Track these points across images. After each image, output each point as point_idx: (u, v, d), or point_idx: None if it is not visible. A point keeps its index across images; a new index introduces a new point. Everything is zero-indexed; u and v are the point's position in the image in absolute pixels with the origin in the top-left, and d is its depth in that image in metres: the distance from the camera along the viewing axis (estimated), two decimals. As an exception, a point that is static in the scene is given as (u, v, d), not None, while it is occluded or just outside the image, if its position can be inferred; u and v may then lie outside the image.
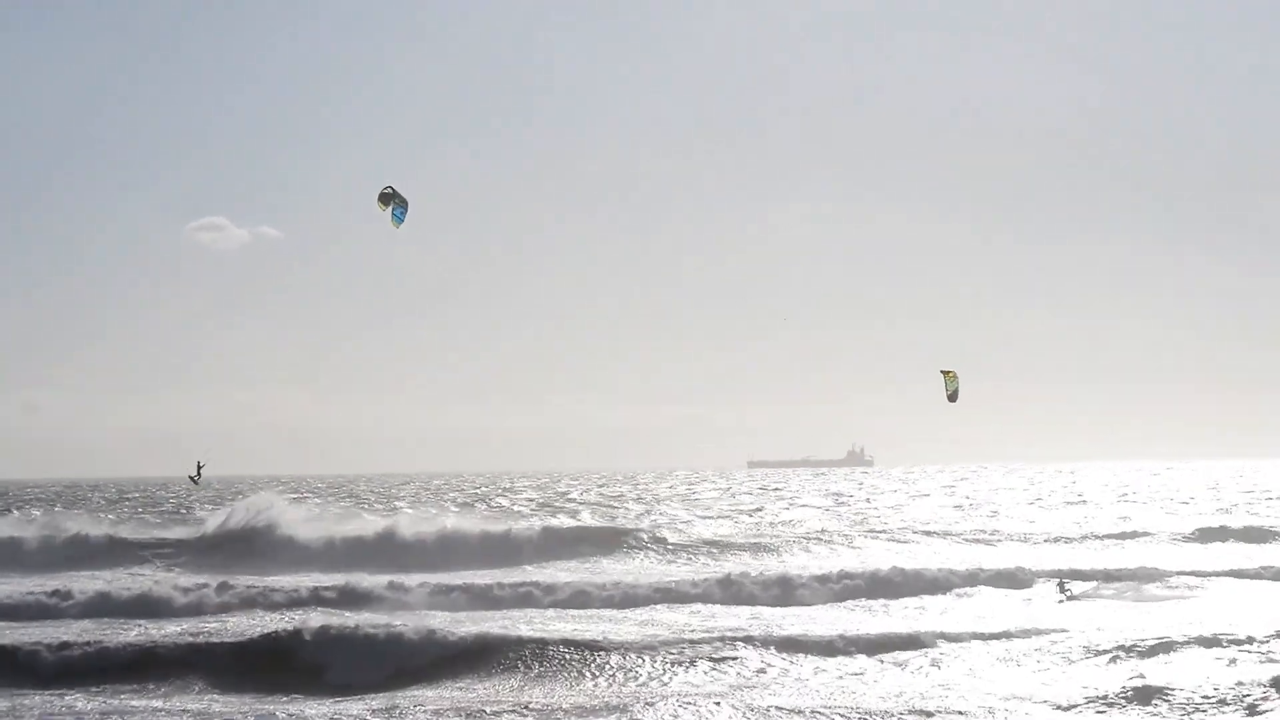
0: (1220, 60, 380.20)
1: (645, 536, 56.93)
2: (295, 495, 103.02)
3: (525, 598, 39.71)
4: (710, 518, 73.87)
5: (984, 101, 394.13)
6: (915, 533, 60.11)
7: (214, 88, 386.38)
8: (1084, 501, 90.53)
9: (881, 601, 38.92)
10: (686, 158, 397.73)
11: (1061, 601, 38.69)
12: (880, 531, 60.47)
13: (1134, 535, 58.51)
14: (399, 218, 29.40)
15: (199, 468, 38.08)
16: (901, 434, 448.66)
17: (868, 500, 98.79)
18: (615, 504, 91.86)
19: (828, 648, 29.20)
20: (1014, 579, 42.41)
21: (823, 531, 59.98)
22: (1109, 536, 57.94)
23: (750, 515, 76.56)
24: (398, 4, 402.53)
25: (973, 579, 42.23)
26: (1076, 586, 40.84)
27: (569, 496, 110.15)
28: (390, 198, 29.44)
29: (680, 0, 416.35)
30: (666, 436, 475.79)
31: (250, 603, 38.68)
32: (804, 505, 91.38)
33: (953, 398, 34.14)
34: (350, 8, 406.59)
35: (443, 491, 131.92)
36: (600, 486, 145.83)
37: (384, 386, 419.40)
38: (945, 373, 34.62)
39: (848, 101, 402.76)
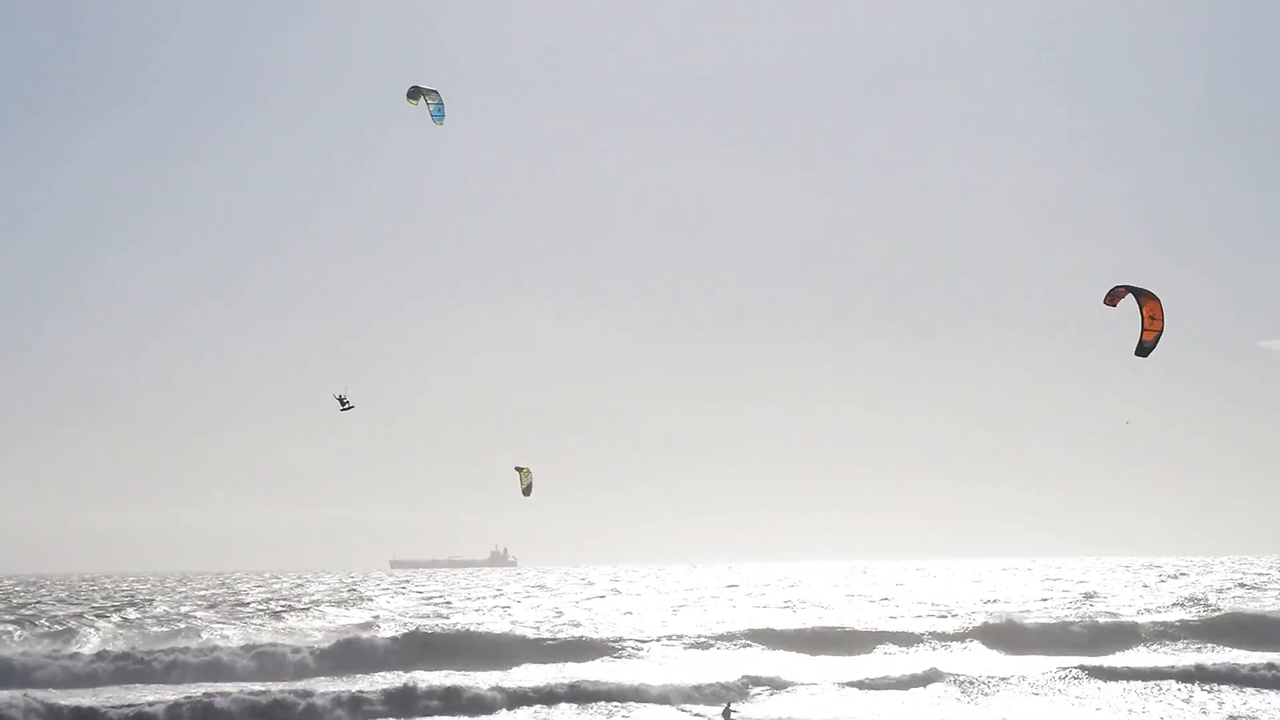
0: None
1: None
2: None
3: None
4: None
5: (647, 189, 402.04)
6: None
7: None
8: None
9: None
10: (340, 259, 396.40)
11: None
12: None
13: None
14: (438, 115, 29.83)
15: (341, 400, 35.16)
16: (542, 535, 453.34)
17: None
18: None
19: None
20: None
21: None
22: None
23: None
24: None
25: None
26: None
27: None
28: (420, 93, 29.93)
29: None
30: (305, 537, 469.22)
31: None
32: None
33: (526, 492, 35.92)
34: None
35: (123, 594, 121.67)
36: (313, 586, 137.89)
37: (10, 488, 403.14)
38: (519, 469, 36.40)
39: (512, 199, 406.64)
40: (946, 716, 37.97)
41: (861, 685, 43.59)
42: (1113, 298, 26.62)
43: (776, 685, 43.47)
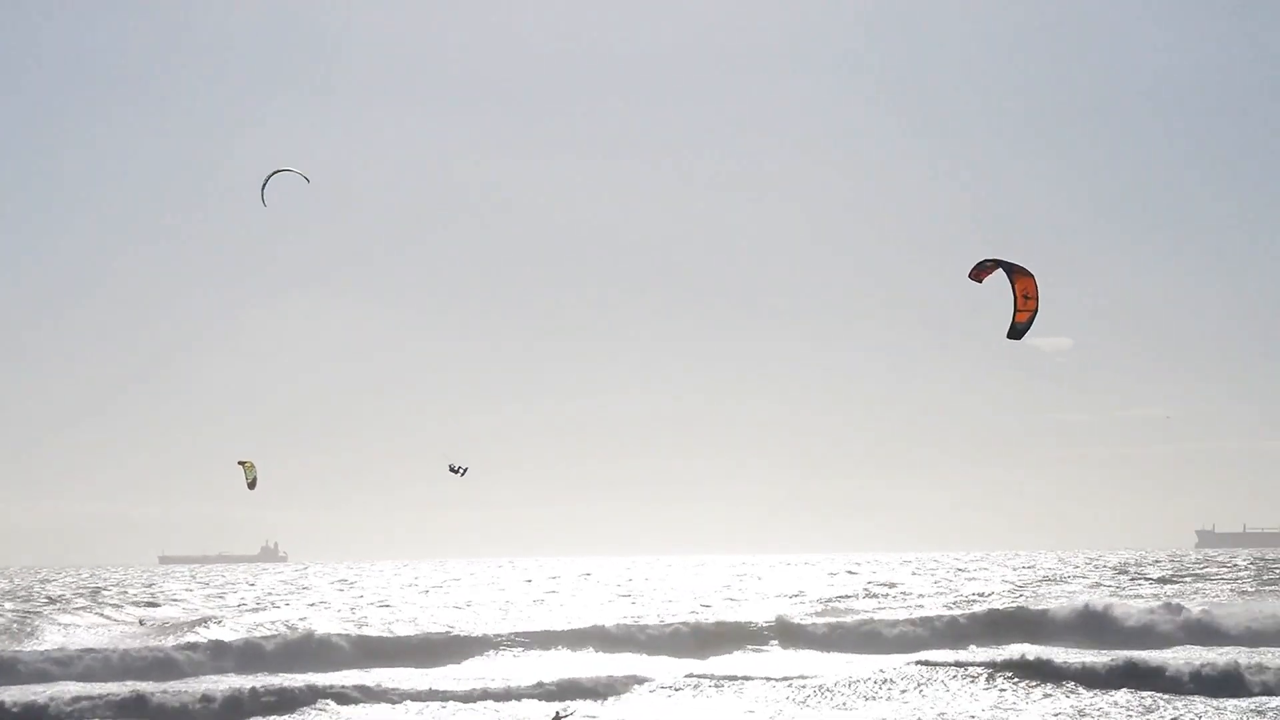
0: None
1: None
2: None
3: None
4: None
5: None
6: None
7: None
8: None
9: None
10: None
11: None
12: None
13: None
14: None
15: (457, 469, 36.75)
16: (311, 531, 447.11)
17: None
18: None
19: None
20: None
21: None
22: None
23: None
24: None
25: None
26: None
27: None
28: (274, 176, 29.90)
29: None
30: (65, 532, 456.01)
31: None
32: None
33: (251, 486, 35.87)
34: None
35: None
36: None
37: None
38: (243, 463, 36.45)
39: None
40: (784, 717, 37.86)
41: (699, 683, 42.49)
42: (979, 272, 24.22)
43: (613, 687, 42.22)
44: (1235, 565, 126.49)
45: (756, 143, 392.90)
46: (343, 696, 40.16)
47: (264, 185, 30.48)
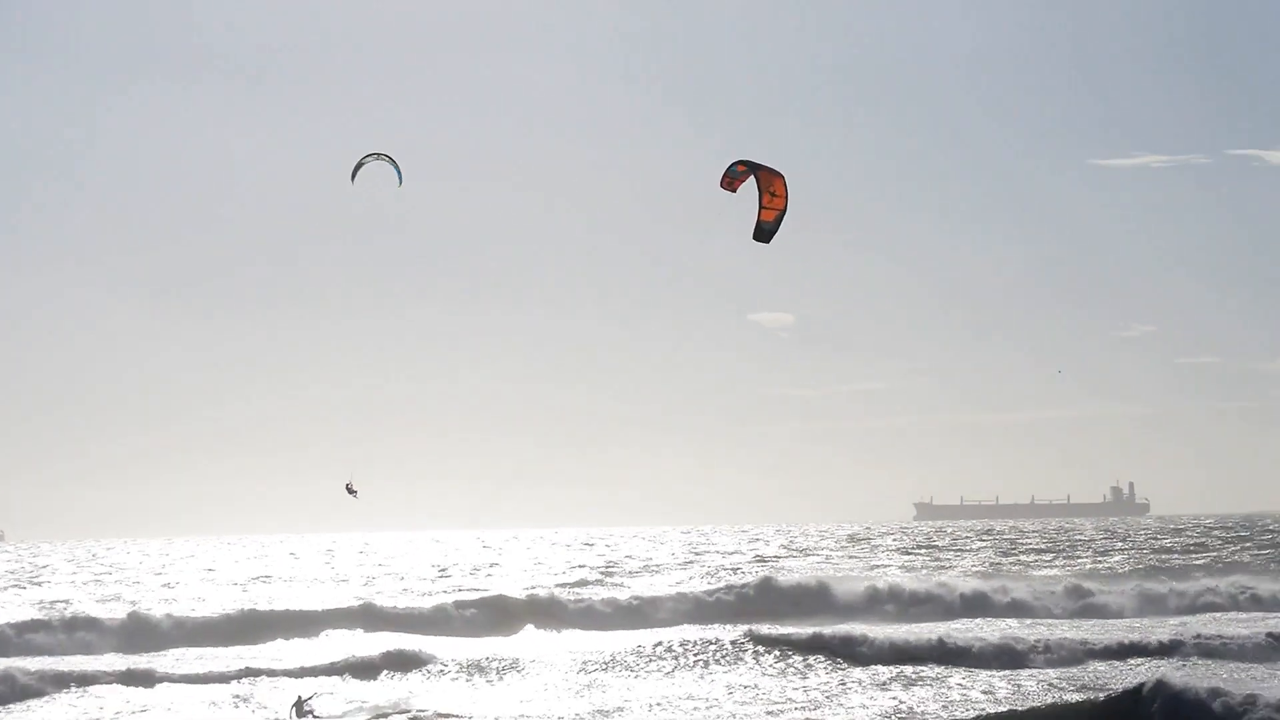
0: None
1: None
2: None
3: None
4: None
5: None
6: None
7: None
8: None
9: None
10: None
11: None
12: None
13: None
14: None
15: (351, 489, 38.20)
16: (31, 508, 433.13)
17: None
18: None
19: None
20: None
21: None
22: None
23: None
24: None
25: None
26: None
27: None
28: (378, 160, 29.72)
29: None
30: None
31: None
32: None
33: None
34: None
35: None
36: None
37: None
38: None
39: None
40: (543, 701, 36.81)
41: (469, 662, 41.45)
42: (731, 179, 23.12)
43: (376, 667, 41.07)
44: (967, 537, 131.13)
45: (485, 116, 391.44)
46: (106, 679, 39.23)
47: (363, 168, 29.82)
